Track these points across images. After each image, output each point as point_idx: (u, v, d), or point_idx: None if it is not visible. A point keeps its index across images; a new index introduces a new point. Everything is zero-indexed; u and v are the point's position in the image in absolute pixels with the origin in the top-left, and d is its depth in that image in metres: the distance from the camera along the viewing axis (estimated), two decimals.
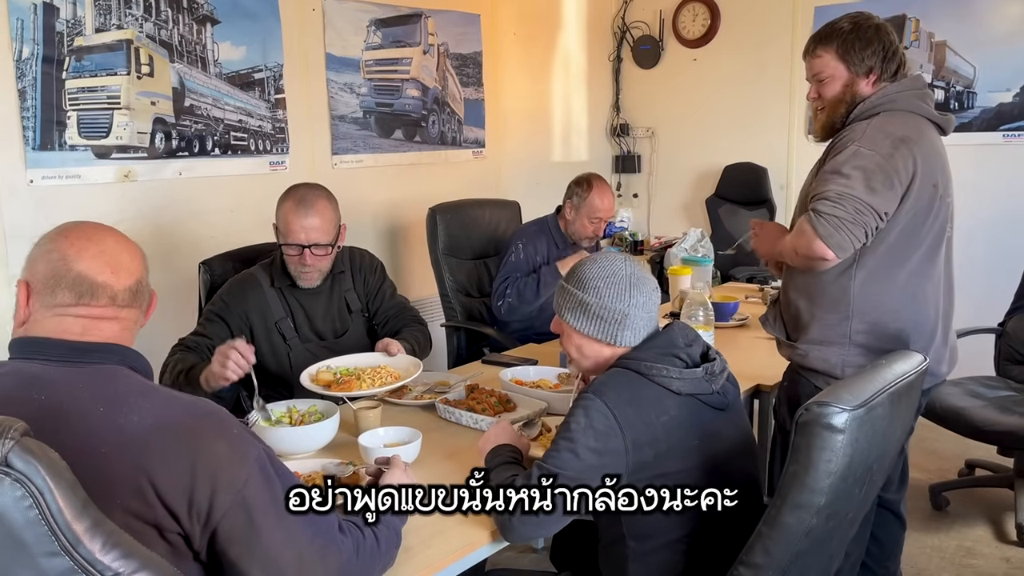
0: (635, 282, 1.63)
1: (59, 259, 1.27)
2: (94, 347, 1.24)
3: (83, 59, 2.95)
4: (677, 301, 3.21)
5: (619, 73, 5.42)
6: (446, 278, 3.54)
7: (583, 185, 3.20)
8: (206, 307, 2.41)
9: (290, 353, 2.38)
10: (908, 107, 2.00)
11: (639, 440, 1.50)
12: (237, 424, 1.24)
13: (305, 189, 2.36)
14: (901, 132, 1.94)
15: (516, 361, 2.63)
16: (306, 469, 1.76)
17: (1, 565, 0.98)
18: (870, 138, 1.93)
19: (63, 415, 1.15)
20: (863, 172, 1.89)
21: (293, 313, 2.41)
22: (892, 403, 1.39)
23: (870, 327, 2.01)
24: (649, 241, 5.36)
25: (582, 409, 1.52)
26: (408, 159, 4.22)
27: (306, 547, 1.21)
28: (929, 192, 1.96)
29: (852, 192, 1.88)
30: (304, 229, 2.29)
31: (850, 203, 1.88)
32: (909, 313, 2.01)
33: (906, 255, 1.99)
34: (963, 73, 4.17)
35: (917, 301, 2.02)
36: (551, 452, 1.53)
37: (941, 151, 2.04)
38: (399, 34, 4.12)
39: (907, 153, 1.92)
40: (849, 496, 1.39)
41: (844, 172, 1.90)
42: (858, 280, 2.00)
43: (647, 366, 1.55)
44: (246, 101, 3.47)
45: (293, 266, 2.36)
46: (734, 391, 1.69)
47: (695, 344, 1.64)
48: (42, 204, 2.88)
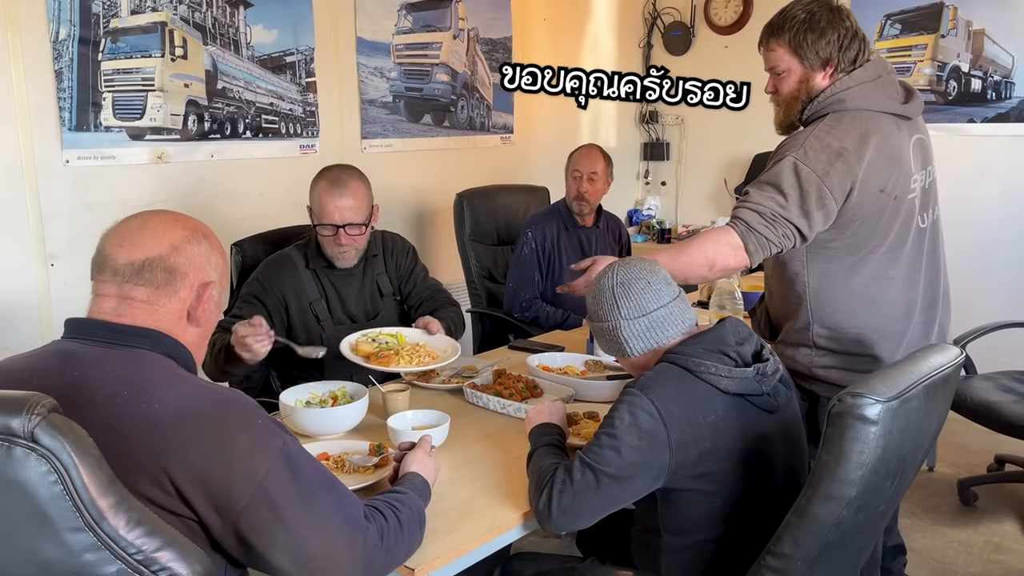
0: (620, 292, 1.61)
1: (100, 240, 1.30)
2: (128, 330, 1.24)
3: (118, 41, 2.97)
4: (705, 290, 3.20)
5: (649, 60, 5.38)
6: (472, 264, 3.54)
7: (572, 153, 3.33)
8: (243, 289, 2.43)
9: (323, 335, 2.40)
10: (859, 104, 1.92)
11: (683, 439, 1.47)
12: (263, 415, 1.23)
13: (338, 170, 2.38)
14: (840, 143, 1.88)
15: (543, 347, 2.63)
16: (335, 451, 1.78)
17: (26, 539, 1.00)
18: (810, 151, 1.88)
19: (91, 394, 1.16)
20: (799, 193, 1.87)
21: (327, 294, 2.43)
22: (927, 396, 1.37)
23: (830, 331, 1.99)
24: (677, 229, 5.33)
25: (627, 405, 1.49)
26: (437, 144, 4.23)
27: (332, 536, 1.21)
28: (875, 197, 1.90)
29: (785, 215, 1.88)
30: (339, 209, 2.31)
31: (781, 226, 1.88)
32: (867, 318, 1.97)
33: (857, 261, 1.95)
34: (1001, 63, 4.09)
35: (876, 305, 1.97)
36: (593, 447, 1.51)
37: (895, 145, 1.94)
38: (429, 18, 4.11)
39: (843, 168, 1.87)
40: (880, 489, 1.38)
41: (783, 189, 1.88)
42: (811, 286, 1.99)
43: (695, 363, 1.52)
44: (277, 84, 3.49)
45: (329, 247, 2.38)
46: (787, 393, 1.63)
47: (747, 343, 1.59)
48: (77, 184, 2.91)
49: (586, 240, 3.34)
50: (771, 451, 1.57)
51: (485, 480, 1.72)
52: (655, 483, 1.51)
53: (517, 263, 3.24)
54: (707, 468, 1.50)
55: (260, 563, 1.20)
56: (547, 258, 3.24)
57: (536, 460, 1.62)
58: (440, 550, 1.45)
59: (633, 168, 5.43)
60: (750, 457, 1.53)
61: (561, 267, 3.23)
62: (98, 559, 1.00)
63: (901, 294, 1.99)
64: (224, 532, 1.16)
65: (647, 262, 1.68)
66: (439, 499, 1.59)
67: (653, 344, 1.61)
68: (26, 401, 0.96)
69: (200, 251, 1.32)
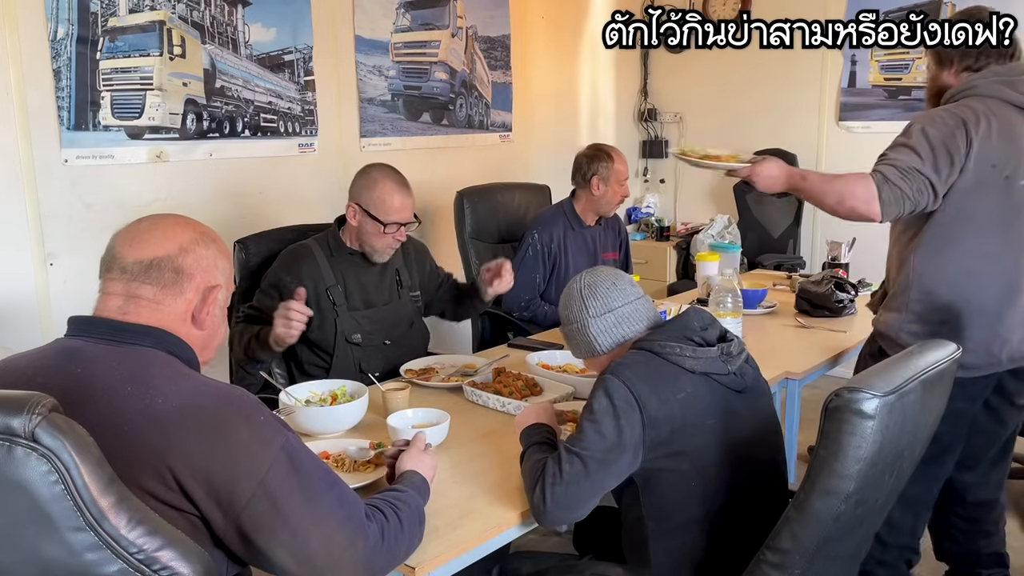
0: (587, 293, 1.71)
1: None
2: (132, 328, 1.25)
3: (116, 40, 2.97)
4: (704, 288, 3.20)
5: (647, 57, 5.38)
6: (473, 261, 3.54)
7: (602, 158, 3.26)
8: (263, 281, 2.48)
9: (336, 320, 2.45)
10: (989, 92, 2.09)
11: (655, 416, 1.53)
12: (265, 412, 1.24)
13: (393, 171, 2.48)
14: (963, 115, 2.04)
15: (542, 345, 2.63)
16: (335, 449, 1.79)
17: (27, 539, 1.00)
18: (937, 119, 2.06)
19: (93, 390, 1.17)
20: (931, 151, 2.02)
21: (346, 282, 2.49)
22: (924, 390, 1.38)
23: (924, 296, 2.10)
24: (675, 227, 5.33)
25: (602, 389, 1.56)
26: (435, 142, 4.23)
27: (333, 533, 1.21)
28: (987, 171, 2.03)
29: (921, 169, 2.02)
30: (405, 208, 2.43)
31: (916, 180, 2.02)
32: (962, 290, 2.08)
33: (961, 232, 2.07)
34: None
35: (973, 279, 2.08)
36: (576, 435, 1.57)
37: (1015, 131, 2.07)
38: (428, 17, 4.12)
39: (963, 136, 2.02)
40: (878, 483, 1.38)
41: (916, 149, 2.03)
42: (919, 251, 2.11)
43: (660, 345, 1.60)
44: (276, 83, 3.49)
45: (379, 241, 2.44)
46: (753, 373, 1.71)
47: (711, 328, 1.67)
48: (76, 184, 2.91)
49: (591, 239, 3.35)
50: (742, 428, 1.63)
51: (485, 478, 1.73)
52: (635, 462, 1.55)
53: (519, 264, 3.25)
54: (680, 446, 1.55)
55: (262, 560, 1.20)
56: (552, 259, 3.26)
57: (527, 459, 1.65)
58: (440, 548, 1.46)
59: (632, 166, 5.41)
60: (721, 435, 1.59)
61: (567, 267, 3.25)
62: (99, 558, 1.00)
63: (1002, 274, 2.09)
64: (226, 528, 1.17)
65: (612, 269, 1.80)
66: (439, 497, 1.60)
67: (620, 338, 1.69)
68: (26, 401, 0.96)
69: (208, 254, 1.33)
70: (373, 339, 2.50)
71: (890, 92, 4.43)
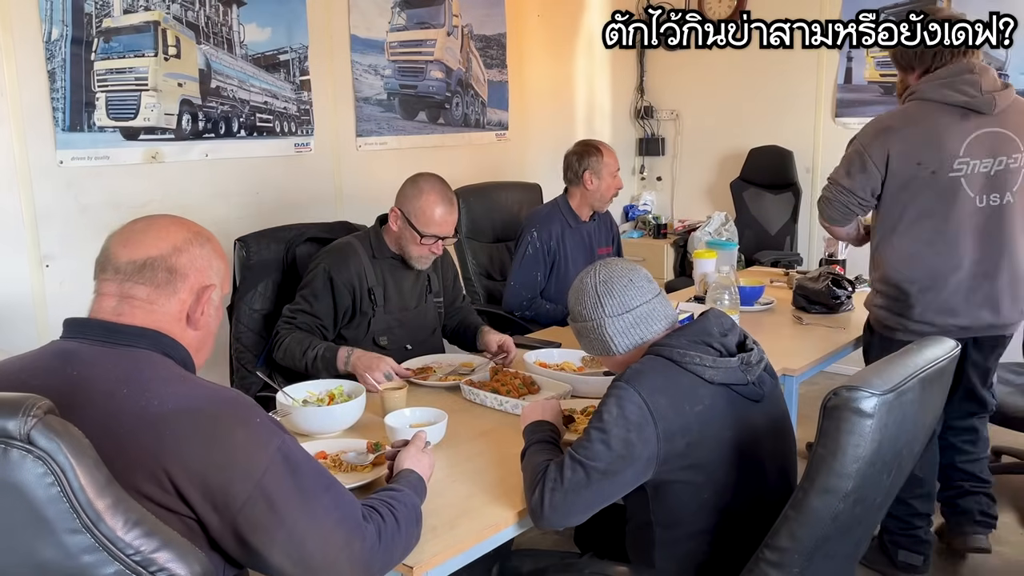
0: (603, 290, 1.64)
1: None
2: (127, 330, 1.25)
3: (111, 40, 2.96)
4: (701, 285, 3.20)
5: (643, 55, 5.38)
6: (469, 261, 3.54)
7: (592, 153, 3.27)
8: (310, 282, 2.45)
9: (372, 320, 2.48)
10: (926, 96, 2.37)
11: (671, 429, 1.48)
12: (261, 413, 1.23)
13: (441, 183, 2.49)
14: (889, 122, 2.41)
15: (540, 343, 2.63)
16: (332, 449, 1.78)
17: (24, 541, 1.00)
18: (866, 128, 2.45)
19: (89, 392, 1.16)
20: (846, 160, 2.46)
21: (385, 283, 2.52)
22: (923, 388, 1.38)
23: (883, 277, 2.51)
24: (673, 224, 5.33)
25: (615, 399, 1.50)
26: (432, 141, 4.22)
27: (330, 534, 1.21)
28: (913, 170, 2.35)
29: (836, 178, 2.49)
30: (448, 223, 2.46)
31: (840, 193, 2.48)
32: (906, 269, 2.44)
33: (899, 222, 2.42)
34: (995, 56, 4.10)
35: (913, 259, 2.42)
36: (583, 442, 1.52)
37: (944, 131, 2.33)
38: (423, 15, 4.11)
39: (883, 139, 2.38)
40: (877, 482, 1.38)
41: (842, 162, 2.48)
42: (876, 241, 2.52)
43: (680, 353, 1.54)
44: (271, 83, 3.48)
45: (419, 251, 2.46)
46: (771, 382, 1.66)
47: (731, 333, 1.61)
48: (72, 185, 2.91)
49: (587, 235, 3.35)
50: (758, 439, 1.59)
51: (483, 477, 1.72)
52: (644, 475, 1.51)
53: (520, 263, 3.24)
54: (695, 459, 1.51)
55: (258, 562, 1.20)
56: (551, 256, 3.25)
57: (529, 457, 1.63)
58: (439, 547, 1.45)
59: (628, 163, 5.42)
60: (737, 447, 1.55)
61: (566, 264, 3.25)
62: (96, 560, 1.00)
63: (939, 257, 2.40)
64: (222, 530, 1.17)
65: (627, 261, 1.73)
66: (437, 496, 1.60)
67: (638, 340, 1.64)
68: (22, 403, 0.96)
69: (202, 254, 1.33)
70: (398, 342, 2.52)
71: (886, 88, 4.43)
